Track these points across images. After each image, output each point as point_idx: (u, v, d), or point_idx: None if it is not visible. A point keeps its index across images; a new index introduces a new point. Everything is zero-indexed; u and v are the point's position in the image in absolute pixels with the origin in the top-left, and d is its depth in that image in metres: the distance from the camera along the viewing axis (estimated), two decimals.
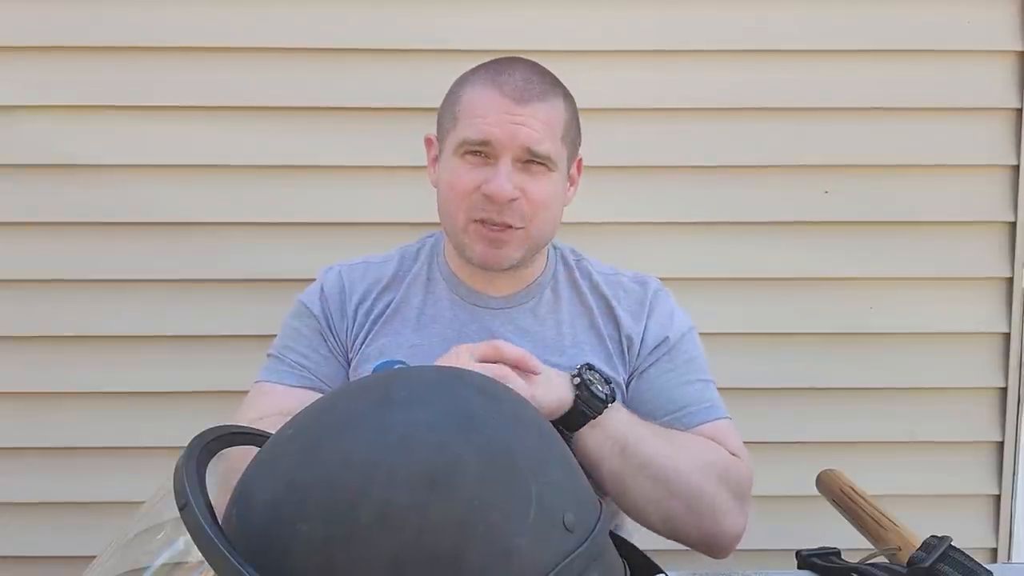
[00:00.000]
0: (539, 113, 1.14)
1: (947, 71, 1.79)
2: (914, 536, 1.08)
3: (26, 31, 1.73)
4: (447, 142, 1.18)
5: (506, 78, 1.14)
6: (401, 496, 0.58)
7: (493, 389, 0.70)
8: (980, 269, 1.84)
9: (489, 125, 1.12)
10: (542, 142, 1.14)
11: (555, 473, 0.65)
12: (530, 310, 1.24)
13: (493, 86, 1.14)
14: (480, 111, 1.13)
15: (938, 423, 1.87)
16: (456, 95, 1.18)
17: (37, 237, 1.78)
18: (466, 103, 1.16)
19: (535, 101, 1.14)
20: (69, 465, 1.82)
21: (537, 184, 1.15)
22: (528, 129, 1.13)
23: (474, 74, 1.18)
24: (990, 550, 1.89)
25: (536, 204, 1.15)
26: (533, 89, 1.14)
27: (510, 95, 1.13)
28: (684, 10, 1.76)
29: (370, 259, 1.30)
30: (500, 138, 1.12)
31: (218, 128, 1.76)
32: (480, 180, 1.13)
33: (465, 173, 1.14)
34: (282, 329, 1.28)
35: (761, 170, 1.81)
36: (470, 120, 1.14)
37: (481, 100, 1.14)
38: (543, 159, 1.14)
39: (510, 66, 1.17)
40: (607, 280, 1.27)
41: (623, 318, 1.24)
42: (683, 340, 1.25)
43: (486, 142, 1.13)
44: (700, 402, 1.22)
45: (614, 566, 0.68)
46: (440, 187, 1.20)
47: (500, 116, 1.12)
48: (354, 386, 0.71)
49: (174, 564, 0.65)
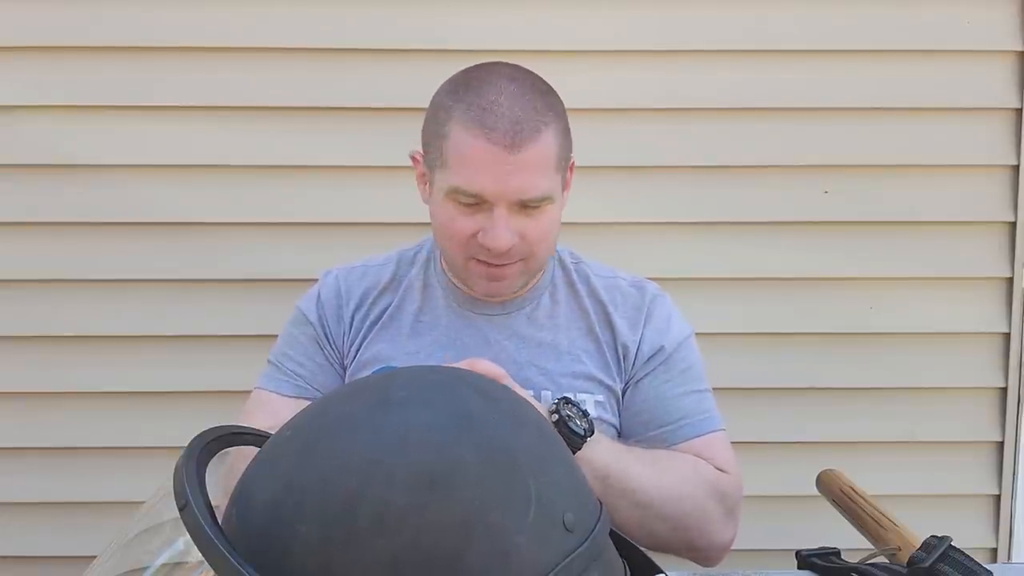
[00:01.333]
0: (531, 157, 1.07)
1: (947, 71, 1.79)
2: (914, 536, 1.08)
3: (26, 31, 1.73)
4: (436, 178, 1.12)
5: (494, 120, 1.06)
6: (400, 496, 0.58)
7: (492, 389, 0.70)
8: (980, 269, 1.84)
9: (482, 179, 1.07)
10: (536, 187, 1.09)
11: (555, 473, 0.65)
12: (527, 316, 1.23)
13: (481, 131, 1.06)
14: (471, 161, 1.07)
15: (938, 423, 1.87)
16: (442, 128, 1.10)
17: (37, 237, 1.78)
18: (453, 147, 1.09)
19: (527, 144, 1.07)
20: (69, 465, 1.82)
21: (535, 223, 1.11)
22: (520, 179, 1.07)
23: (457, 104, 1.09)
24: (990, 550, 1.89)
25: (534, 241, 1.12)
26: (523, 130, 1.07)
27: (500, 142, 1.06)
28: (684, 10, 1.76)
29: (370, 261, 1.29)
30: (493, 192, 1.07)
31: (218, 128, 1.76)
32: (475, 227, 1.10)
33: (460, 218, 1.10)
34: (281, 335, 1.28)
35: (761, 170, 1.81)
36: (460, 170, 1.08)
37: (470, 150, 1.07)
38: (539, 202, 1.10)
39: (495, 99, 1.08)
40: (605, 284, 1.26)
41: (619, 325, 1.22)
42: (680, 348, 1.23)
43: (479, 196, 1.08)
44: (695, 414, 1.20)
45: (614, 566, 0.68)
46: (434, 219, 1.16)
47: (491, 168, 1.06)
48: (353, 387, 0.71)
49: (174, 564, 0.65)
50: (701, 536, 1.13)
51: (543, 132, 1.09)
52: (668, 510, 1.10)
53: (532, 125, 1.08)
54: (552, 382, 1.20)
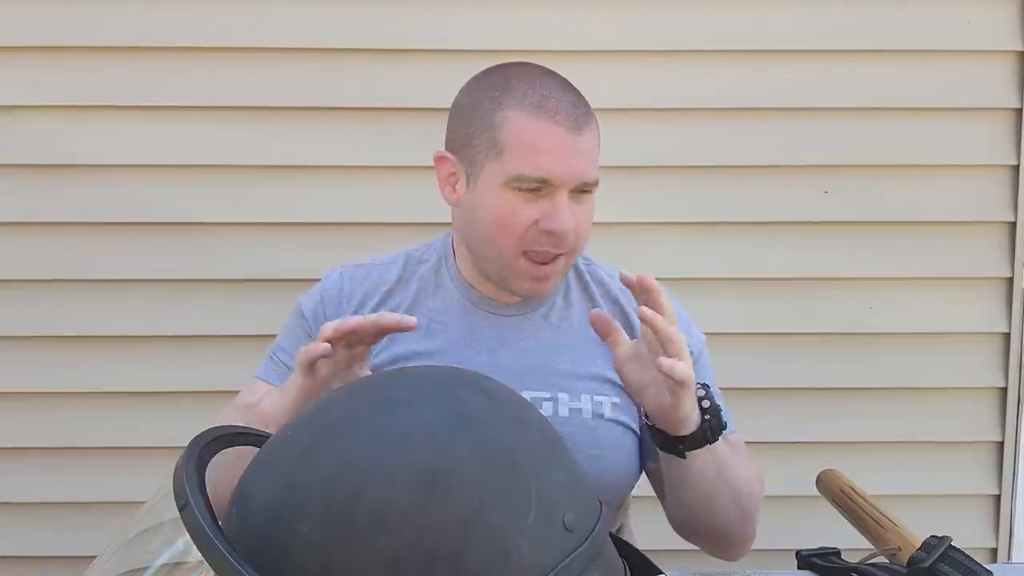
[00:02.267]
0: (590, 141, 1.09)
1: (947, 71, 1.79)
2: (914, 536, 1.08)
3: (26, 31, 1.73)
4: (487, 170, 1.09)
5: (555, 105, 1.07)
6: (401, 496, 0.58)
7: (493, 389, 0.70)
8: (980, 269, 1.84)
9: (551, 162, 1.06)
10: (595, 170, 1.10)
11: (555, 473, 0.65)
12: (542, 316, 1.21)
13: (544, 114, 1.06)
14: (536, 145, 1.06)
15: (938, 423, 1.87)
16: (492, 119, 1.09)
17: (37, 237, 1.78)
18: (515, 133, 1.07)
19: (585, 128, 1.08)
20: (69, 465, 1.82)
21: (585, 210, 1.12)
22: (584, 162, 1.08)
23: (510, 95, 1.09)
24: (990, 550, 1.90)
25: (582, 232, 1.12)
26: (581, 114, 1.08)
27: (564, 124, 1.06)
28: (684, 10, 1.76)
29: (376, 260, 1.27)
30: (560, 176, 1.06)
31: (218, 128, 1.76)
32: (537, 215, 1.08)
33: (520, 208, 1.08)
34: (282, 328, 1.27)
35: (761, 170, 1.81)
36: (525, 155, 1.06)
37: (535, 133, 1.06)
38: (592, 187, 1.12)
39: (550, 86, 1.09)
40: (620, 285, 1.22)
41: (637, 324, 1.19)
42: (703, 354, 1.24)
43: (544, 180, 1.07)
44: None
45: (614, 566, 0.68)
46: (480, 216, 1.11)
47: (559, 152, 1.06)
48: (353, 387, 0.71)
49: (174, 564, 0.65)
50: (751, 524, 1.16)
51: (592, 116, 1.12)
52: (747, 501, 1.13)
53: (585, 110, 1.11)
54: (568, 383, 1.19)
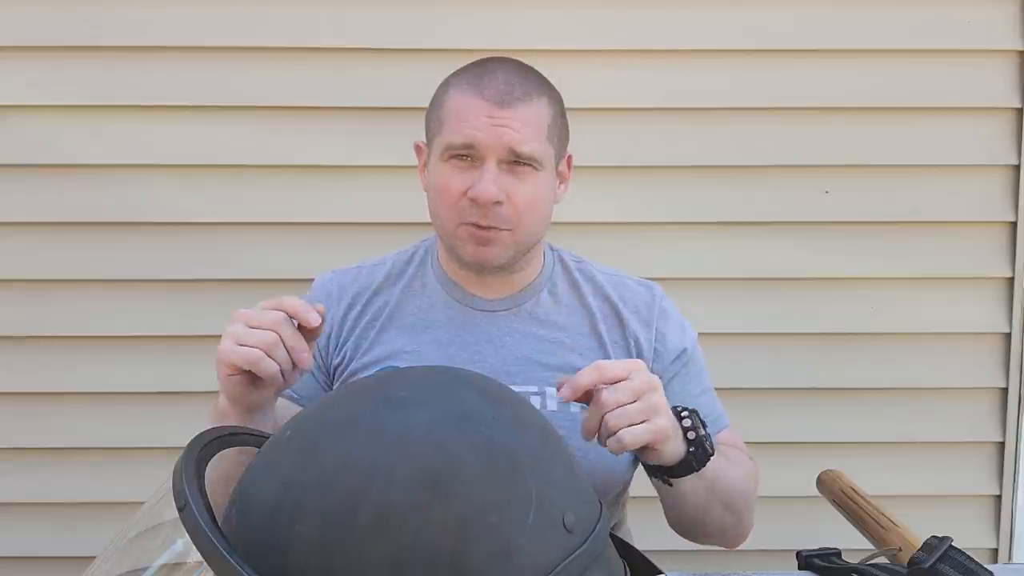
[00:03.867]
0: (522, 115, 1.13)
1: (947, 71, 1.79)
2: (915, 536, 1.08)
3: (26, 31, 1.73)
4: (433, 147, 1.18)
5: (487, 81, 1.13)
6: (400, 497, 0.58)
7: (493, 389, 0.70)
8: (980, 269, 1.84)
9: (472, 129, 1.12)
10: (525, 143, 1.12)
11: (555, 473, 0.65)
12: (528, 312, 1.23)
13: (474, 90, 1.13)
14: (463, 115, 1.13)
15: (938, 423, 1.87)
16: (440, 100, 1.17)
17: (37, 237, 1.78)
18: (449, 108, 1.15)
19: (518, 103, 1.13)
20: (69, 465, 1.82)
21: (523, 186, 1.14)
22: (511, 131, 1.12)
23: (456, 77, 1.17)
24: (991, 550, 1.90)
25: (522, 207, 1.14)
26: (515, 91, 1.13)
27: (491, 98, 1.12)
28: (684, 10, 1.76)
29: (363, 264, 1.30)
30: (483, 141, 1.11)
31: (218, 128, 1.76)
32: (467, 184, 1.13)
33: (451, 177, 1.14)
34: None
35: (761, 170, 1.81)
36: (454, 125, 1.13)
37: (463, 105, 1.13)
38: (528, 160, 1.13)
39: (492, 68, 1.16)
40: (611, 282, 1.26)
41: (630, 320, 1.23)
42: (695, 348, 1.26)
43: (470, 145, 1.12)
44: (712, 413, 1.22)
45: (614, 566, 0.68)
46: (429, 192, 1.19)
47: (482, 119, 1.11)
48: (353, 387, 0.71)
49: (174, 564, 0.65)
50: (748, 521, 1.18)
51: (535, 98, 1.14)
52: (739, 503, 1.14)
53: (524, 89, 1.14)
54: (555, 379, 1.19)
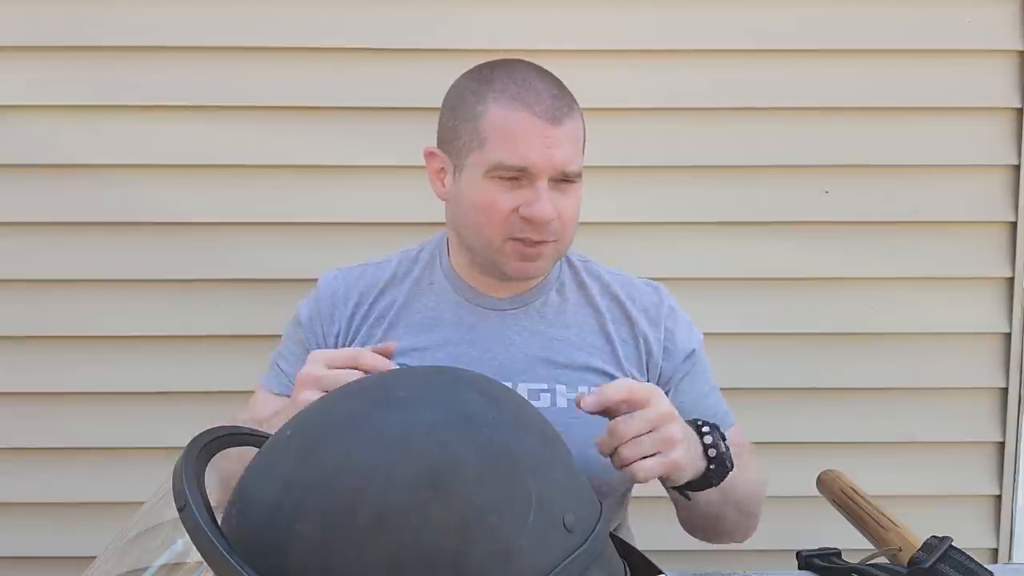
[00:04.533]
0: (569, 132, 1.12)
1: (947, 71, 1.79)
2: (915, 536, 1.08)
3: (26, 31, 1.72)
4: (471, 160, 1.13)
5: (534, 97, 1.11)
6: (400, 497, 0.58)
7: (493, 390, 0.70)
8: (980, 269, 1.84)
9: (528, 150, 1.10)
10: (574, 161, 1.13)
11: (555, 473, 0.65)
12: (536, 311, 1.23)
13: (523, 106, 1.10)
14: (516, 135, 1.10)
15: (938, 423, 1.87)
16: (475, 111, 1.13)
17: (37, 237, 1.78)
18: (496, 124, 1.11)
19: (565, 119, 1.12)
20: (69, 465, 1.82)
21: (569, 201, 1.14)
22: (563, 151, 1.11)
23: (491, 88, 1.13)
24: (991, 550, 1.89)
25: (568, 221, 1.15)
26: (561, 106, 1.12)
27: (543, 116, 1.10)
28: (684, 10, 1.76)
29: (369, 262, 1.29)
30: (538, 163, 1.10)
31: (218, 128, 1.76)
32: (517, 202, 1.11)
33: (500, 196, 1.12)
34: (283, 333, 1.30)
35: (761, 170, 1.81)
36: (504, 144, 1.10)
37: (514, 123, 1.10)
38: (574, 177, 1.14)
39: (530, 79, 1.13)
40: (618, 280, 1.27)
41: (638, 318, 1.24)
42: (702, 349, 1.27)
43: (523, 168, 1.10)
44: (719, 412, 1.25)
45: (614, 566, 0.68)
46: (465, 206, 1.15)
47: (537, 140, 1.10)
48: (353, 386, 0.71)
49: (174, 564, 0.65)
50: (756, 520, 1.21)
51: (575, 110, 1.15)
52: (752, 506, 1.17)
53: (566, 101, 1.14)
54: (565, 375, 1.20)
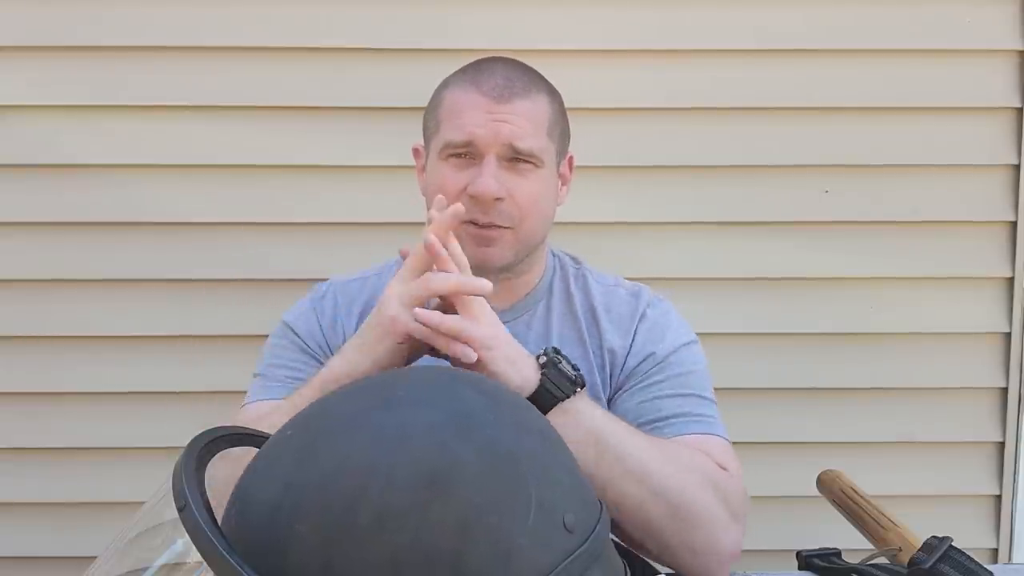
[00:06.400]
0: (521, 110, 1.11)
1: (947, 71, 1.79)
2: (915, 537, 1.08)
3: (26, 31, 1.72)
4: (431, 146, 1.16)
5: (486, 77, 1.13)
6: (400, 497, 0.58)
7: (493, 390, 0.70)
8: (980, 269, 1.84)
9: (472, 125, 1.10)
10: (525, 138, 1.11)
11: (555, 473, 0.65)
12: (525, 324, 1.20)
13: (472, 86, 1.12)
14: (461, 112, 1.12)
15: (938, 423, 1.87)
16: (438, 99, 1.17)
17: (37, 237, 1.78)
18: (447, 106, 1.14)
19: (517, 98, 1.11)
20: (69, 465, 1.82)
21: (525, 183, 1.12)
22: (511, 126, 1.10)
23: (454, 77, 1.17)
24: (991, 550, 1.89)
25: (524, 205, 1.12)
26: (514, 86, 1.12)
27: (490, 94, 1.11)
28: (684, 10, 1.76)
29: (366, 273, 1.27)
30: (482, 136, 1.10)
31: (217, 128, 1.76)
32: (466, 181, 1.11)
33: (450, 175, 1.12)
34: (266, 349, 1.24)
35: (761, 170, 1.81)
36: (452, 122, 1.12)
37: (461, 101, 1.12)
38: (528, 156, 1.12)
39: (490, 66, 1.15)
40: (602, 290, 1.23)
41: (606, 329, 1.19)
42: (676, 353, 1.17)
43: (468, 142, 1.11)
44: (689, 414, 1.12)
45: (614, 566, 0.68)
46: (428, 193, 1.17)
47: (481, 115, 1.10)
48: (353, 387, 0.71)
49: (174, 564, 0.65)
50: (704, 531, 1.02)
51: (534, 94, 1.14)
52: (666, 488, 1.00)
53: (523, 85, 1.13)
54: None
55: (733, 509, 1.05)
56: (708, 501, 1.02)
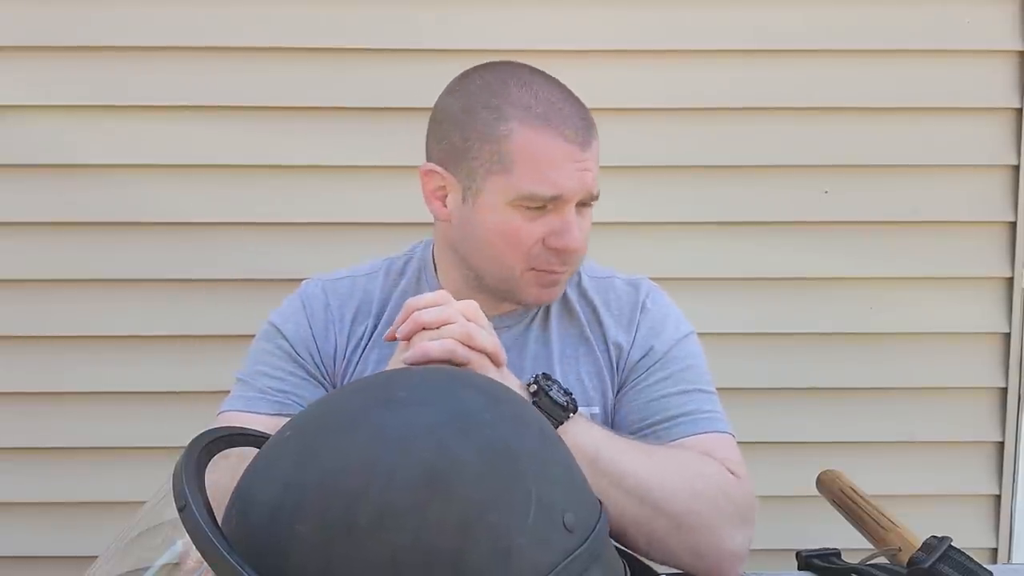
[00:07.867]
0: (596, 153, 1.06)
1: (947, 71, 1.79)
2: (914, 537, 1.08)
3: (26, 31, 1.72)
4: (491, 185, 1.05)
5: (561, 117, 1.04)
6: (400, 497, 0.58)
7: (493, 389, 0.70)
8: (980, 269, 1.84)
9: (563, 178, 1.03)
10: (596, 183, 1.07)
11: (555, 473, 0.65)
12: (525, 327, 1.18)
13: (554, 130, 1.03)
14: (551, 163, 1.03)
15: (938, 423, 1.87)
16: (495, 131, 1.04)
17: (37, 237, 1.78)
18: (522, 148, 1.03)
19: (593, 140, 1.06)
20: (69, 465, 1.82)
21: (586, 223, 1.09)
22: (592, 173, 1.05)
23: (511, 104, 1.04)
24: (990, 550, 1.89)
25: (587, 241, 1.09)
26: (589, 126, 1.06)
27: (575, 140, 1.03)
28: (685, 10, 1.76)
29: (355, 272, 1.20)
30: (571, 189, 1.04)
31: (217, 128, 1.76)
32: (542, 232, 1.05)
33: (526, 225, 1.05)
34: (251, 351, 1.18)
35: (761, 170, 1.81)
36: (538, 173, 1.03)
37: (548, 149, 1.03)
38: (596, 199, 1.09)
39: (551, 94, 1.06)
40: (598, 285, 1.20)
41: (608, 324, 1.17)
42: (677, 346, 1.15)
43: (558, 197, 1.03)
44: (695, 412, 1.11)
45: (614, 567, 0.68)
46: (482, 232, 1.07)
47: (570, 166, 1.03)
48: (353, 387, 0.71)
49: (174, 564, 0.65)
50: (707, 539, 1.01)
51: (595, 125, 1.09)
52: (668, 503, 0.98)
53: (590, 120, 1.08)
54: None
55: (743, 514, 1.04)
56: (716, 510, 1.01)
